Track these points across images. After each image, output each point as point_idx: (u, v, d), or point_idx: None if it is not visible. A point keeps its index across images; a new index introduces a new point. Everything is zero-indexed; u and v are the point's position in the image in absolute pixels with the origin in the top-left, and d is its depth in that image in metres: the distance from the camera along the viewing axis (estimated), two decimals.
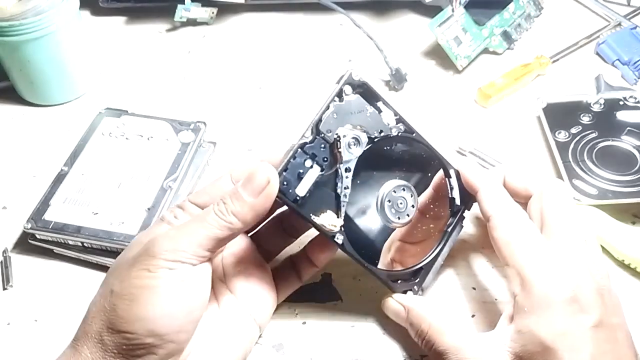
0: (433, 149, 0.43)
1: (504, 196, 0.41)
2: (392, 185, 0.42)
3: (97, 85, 0.63)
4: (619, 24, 0.67)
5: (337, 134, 0.39)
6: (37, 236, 0.48)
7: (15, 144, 0.58)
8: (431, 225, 0.45)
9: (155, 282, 0.35)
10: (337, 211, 0.40)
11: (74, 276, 0.48)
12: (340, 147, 0.39)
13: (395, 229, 0.43)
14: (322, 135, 0.39)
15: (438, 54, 0.64)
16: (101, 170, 0.51)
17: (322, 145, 0.39)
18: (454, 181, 0.44)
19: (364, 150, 0.40)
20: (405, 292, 0.42)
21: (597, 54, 0.65)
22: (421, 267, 0.43)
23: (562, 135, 0.54)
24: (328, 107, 0.39)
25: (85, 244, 0.47)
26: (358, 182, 0.41)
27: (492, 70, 0.63)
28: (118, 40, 0.69)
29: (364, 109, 0.40)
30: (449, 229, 0.44)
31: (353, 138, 0.40)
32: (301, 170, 0.38)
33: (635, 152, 0.52)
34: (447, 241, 0.44)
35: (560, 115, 0.56)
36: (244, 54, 0.67)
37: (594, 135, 0.54)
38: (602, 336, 0.35)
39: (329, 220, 0.39)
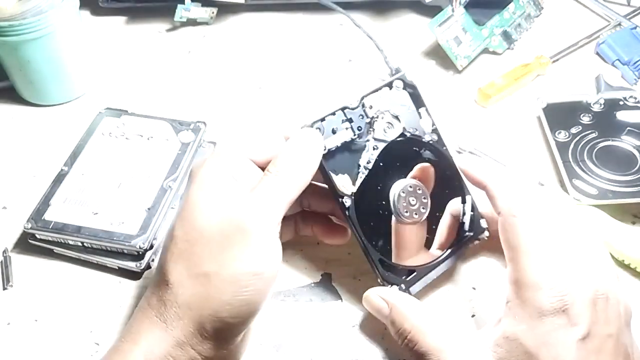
0: (458, 170, 0.44)
1: (518, 192, 0.39)
2: (408, 182, 0.43)
3: (97, 85, 0.63)
4: (619, 24, 0.67)
5: (378, 111, 0.43)
6: (37, 236, 0.48)
7: (15, 144, 0.58)
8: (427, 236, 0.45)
9: (264, 268, 0.35)
10: (354, 181, 0.42)
11: (74, 276, 0.48)
12: (375, 125, 0.43)
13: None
14: (365, 108, 0.43)
15: (438, 54, 0.64)
16: (101, 170, 0.51)
17: (361, 116, 0.42)
18: (467, 207, 0.44)
19: (396, 141, 0.43)
20: (391, 285, 0.42)
21: (597, 54, 0.65)
22: (414, 271, 0.43)
23: (562, 135, 0.54)
24: (379, 90, 0.43)
25: (85, 244, 0.47)
26: (382, 164, 0.43)
27: (492, 70, 0.63)
28: (118, 40, 0.69)
29: (407, 106, 0.44)
30: (450, 251, 0.44)
31: (389, 122, 0.43)
32: (335, 127, 0.42)
33: (635, 152, 0.52)
34: (445, 260, 0.44)
35: (560, 115, 0.56)
36: (244, 54, 0.67)
37: (594, 135, 0.54)
38: (589, 347, 0.35)
39: (343, 183, 0.41)
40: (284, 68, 0.65)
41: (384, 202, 0.43)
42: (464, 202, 0.44)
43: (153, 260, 0.47)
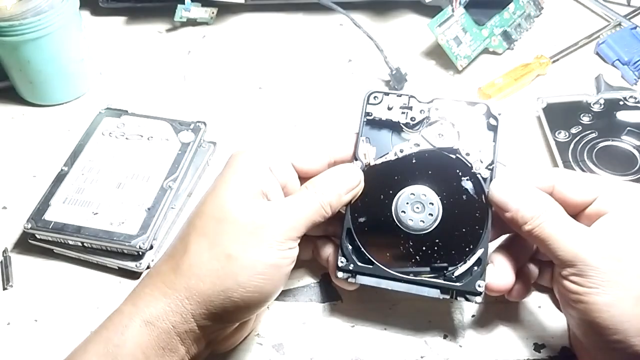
0: (489, 217, 0.41)
1: (532, 204, 0.38)
2: (423, 190, 0.42)
3: (97, 85, 0.63)
4: (619, 24, 0.67)
5: (441, 117, 0.43)
6: (37, 236, 0.48)
7: (15, 144, 0.58)
8: None
9: (283, 262, 0.38)
10: (378, 157, 0.42)
11: (74, 276, 0.48)
12: (431, 126, 0.43)
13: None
14: (431, 108, 0.43)
15: (438, 54, 0.64)
16: (101, 170, 0.51)
17: (422, 111, 0.43)
18: (472, 258, 0.40)
19: (442, 152, 0.42)
20: (342, 255, 0.41)
21: (597, 54, 0.65)
22: (372, 263, 0.41)
23: (562, 135, 0.54)
24: (456, 101, 0.43)
25: (85, 244, 0.47)
26: (414, 161, 0.43)
27: (492, 70, 0.63)
28: (118, 40, 0.69)
29: (477, 133, 0.43)
30: (420, 280, 0.41)
31: (445, 131, 0.43)
32: (393, 106, 0.43)
33: (635, 152, 0.52)
34: (407, 282, 0.41)
35: (560, 115, 0.56)
36: (244, 54, 0.67)
37: (594, 135, 0.54)
38: None
39: (367, 152, 0.42)
40: (284, 68, 0.65)
41: (391, 192, 0.42)
42: (472, 253, 0.41)
43: (153, 260, 0.47)
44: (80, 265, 0.48)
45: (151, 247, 0.47)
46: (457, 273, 0.40)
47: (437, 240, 0.41)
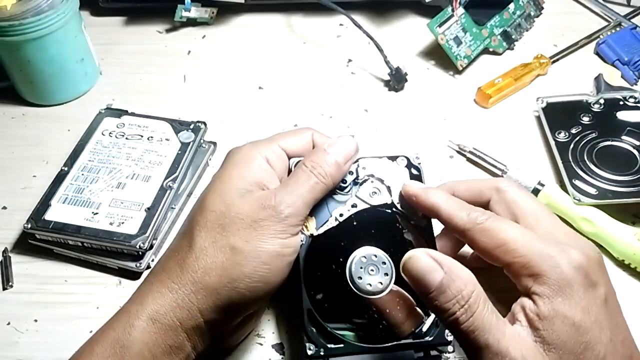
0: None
1: (468, 205, 0.39)
2: (374, 251, 0.40)
3: (97, 85, 0.63)
4: (619, 24, 0.67)
5: (369, 175, 0.42)
6: (37, 236, 0.48)
7: (15, 144, 0.58)
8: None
9: (287, 251, 0.38)
10: (319, 226, 0.41)
11: (74, 276, 0.48)
12: (362, 186, 0.42)
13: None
14: (358, 167, 0.43)
15: (438, 54, 0.64)
16: (101, 170, 0.51)
17: (351, 172, 0.42)
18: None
19: (379, 209, 0.42)
20: (309, 342, 0.38)
21: (597, 54, 0.65)
22: (342, 342, 0.38)
23: (562, 135, 0.54)
24: (379, 158, 0.43)
25: (85, 244, 0.47)
26: (355, 224, 0.41)
27: (492, 70, 0.63)
28: (118, 40, 0.69)
29: (404, 182, 0.42)
30: (391, 346, 0.39)
31: (377, 189, 0.42)
32: None
33: (635, 152, 0.52)
34: (380, 350, 0.39)
35: (560, 115, 0.56)
36: (244, 54, 0.67)
37: (594, 135, 0.54)
38: (610, 306, 0.35)
39: (308, 223, 0.41)
40: (284, 68, 0.65)
41: (341, 259, 0.40)
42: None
43: (153, 260, 0.47)
44: (80, 266, 0.48)
45: (151, 247, 0.47)
46: (424, 328, 0.39)
47: (397, 299, 0.39)
